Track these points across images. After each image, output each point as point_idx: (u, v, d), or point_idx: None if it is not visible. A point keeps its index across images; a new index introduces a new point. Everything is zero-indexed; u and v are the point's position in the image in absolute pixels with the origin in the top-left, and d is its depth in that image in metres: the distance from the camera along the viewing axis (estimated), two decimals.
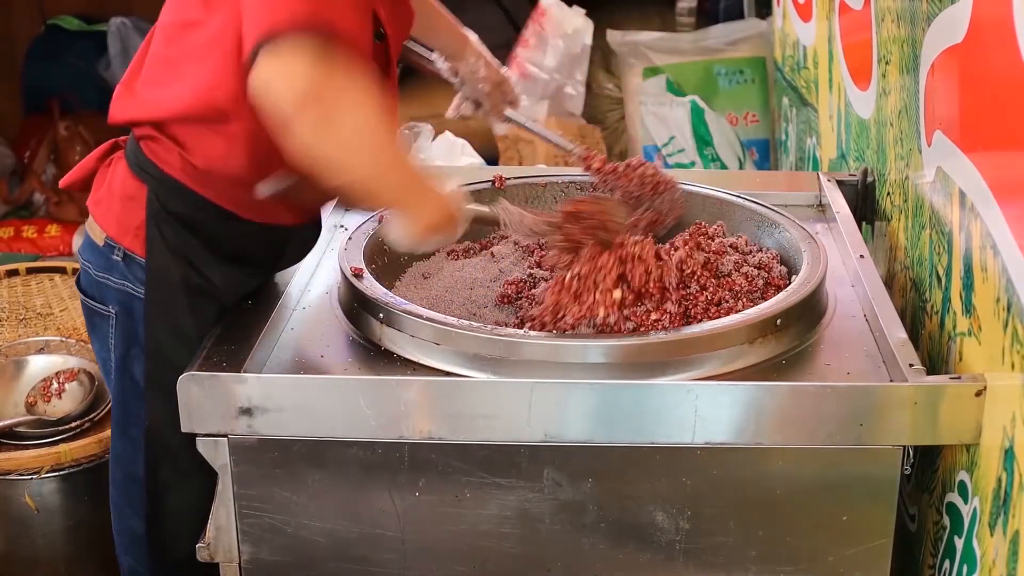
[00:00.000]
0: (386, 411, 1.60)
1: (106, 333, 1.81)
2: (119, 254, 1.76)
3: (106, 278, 1.78)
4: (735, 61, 4.28)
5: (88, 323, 1.87)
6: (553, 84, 4.15)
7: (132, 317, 1.77)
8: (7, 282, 2.98)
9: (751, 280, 1.85)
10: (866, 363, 1.68)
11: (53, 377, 2.66)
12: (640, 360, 1.63)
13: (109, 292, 1.79)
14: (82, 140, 4.28)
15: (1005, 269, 1.47)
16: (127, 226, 1.75)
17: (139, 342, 1.77)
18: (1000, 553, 1.48)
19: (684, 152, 4.14)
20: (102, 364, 1.87)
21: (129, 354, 1.79)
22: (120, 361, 1.81)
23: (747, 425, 1.59)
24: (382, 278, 1.83)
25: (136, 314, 1.76)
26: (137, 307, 1.76)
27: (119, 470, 1.89)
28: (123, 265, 1.76)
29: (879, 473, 1.62)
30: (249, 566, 1.71)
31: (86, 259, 1.82)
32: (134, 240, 1.75)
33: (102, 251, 1.78)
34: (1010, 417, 1.47)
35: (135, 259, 1.75)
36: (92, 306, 1.83)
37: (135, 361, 1.79)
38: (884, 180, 2.21)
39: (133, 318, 1.77)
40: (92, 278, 1.80)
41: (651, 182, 2.04)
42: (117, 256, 1.76)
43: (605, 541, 1.67)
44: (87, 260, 1.82)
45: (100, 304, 1.81)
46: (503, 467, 1.63)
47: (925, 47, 1.83)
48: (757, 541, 1.67)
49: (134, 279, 1.76)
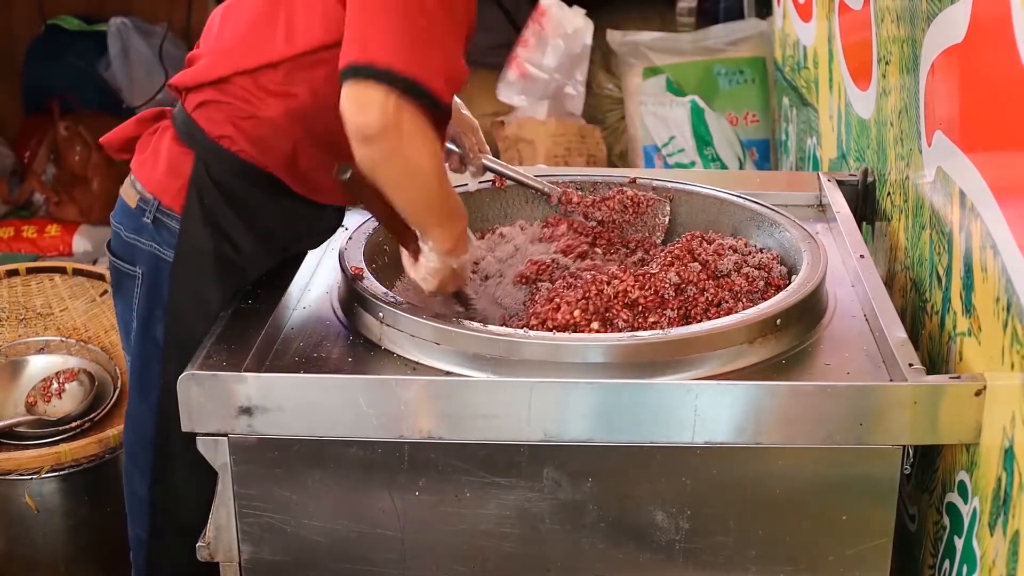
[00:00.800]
0: (386, 411, 1.60)
1: (131, 293, 1.86)
2: (150, 216, 1.81)
3: (136, 239, 1.83)
4: (735, 61, 4.27)
5: (115, 285, 1.92)
6: (553, 84, 4.15)
7: (158, 279, 1.82)
8: (7, 282, 2.98)
9: (752, 281, 1.85)
10: (866, 363, 1.68)
11: (53, 377, 2.66)
12: (640, 360, 1.63)
13: (138, 253, 1.83)
14: (82, 140, 4.27)
15: (1005, 269, 1.47)
16: (169, 187, 1.80)
17: (163, 304, 1.82)
18: (1000, 553, 1.48)
19: (684, 152, 4.14)
20: (124, 326, 1.92)
21: (152, 315, 1.84)
22: (143, 321, 1.85)
23: (747, 425, 1.59)
24: (382, 278, 1.83)
25: (162, 276, 1.81)
26: (164, 269, 1.81)
27: (132, 433, 1.93)
28: (152, 227, 1.81)
29: (879, 473, 1.62)
30: (249, 566, 1.71)
31: (117, 222, 1.88)
32: (173, 200, 1.80)
33: (133, 213, 1.83)
34: (1010, 417, 1.47)
35: (165, 223, 1.80)
36: (120, 267, 1.88)
37: (158, 323, 1.83)
38: (884, 180, 2.21)
39: (159, 280, 1.82)
40: (122, 240, 1.86)
41: (631, 205, 2.13)
42: (147, 218, 1.81)
43: (605, 541, 1.67)
44: (118, 223, 1.87)
45: (129, 265, 1.86)
46: (503, 467, 1.63)
47: (925, 47, 1.83)
48: (757, 541, 1.67)
49: (162, 242, 1.81)
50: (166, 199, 1.80)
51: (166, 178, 1.81)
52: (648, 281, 1.80)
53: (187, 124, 1.80)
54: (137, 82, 4.42)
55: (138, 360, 1.88)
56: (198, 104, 1.78)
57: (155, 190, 1.81)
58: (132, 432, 1.93)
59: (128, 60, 4.46)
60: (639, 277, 1.81)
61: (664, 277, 1.81)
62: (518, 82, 4.15)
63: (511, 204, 2.19)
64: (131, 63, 4.46)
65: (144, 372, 1.87)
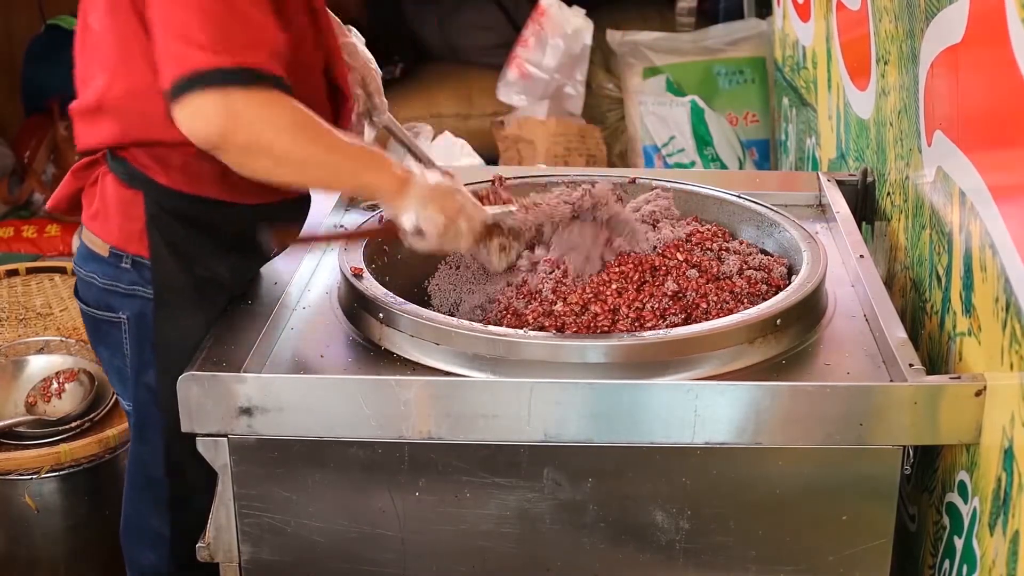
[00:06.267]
0: (386, 411, 1.60)
1: (118, 340, 1.81)
2: (127, 261, 1.76)
3: (114, 286, 1.78)
4: (735, 61, 4.28)
5: (94, 334, 1.86)
6: (553, 84, 4.15)
7: (145, 320, 1.77)
8: (7, 282, 2.98)
9: (753, 283, 1.85)
10: (866, 363, 1.68)
11: (53, 377, 2.66)
12: (640, 360, 1.63)
13: (118, 299, 1.78)
14: None
15: (1004, 269, 1.47)
16: (130, 233, 1.75)
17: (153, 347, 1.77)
18: (1000, 553, 1.48)
19: (684, 152, 4.15)
20: (116, 373, 1.86)
21: (144, 358, 1.79)
22: (136, 366, 1.80)
23: (747, 425, 1.59)
24: (382, 278, 1.83)
25: (148, 316, 1.76)
26: (149, 309, 1.76)
27: (139, 474, 1.88)
28: (133, 271, 1.76)
29: (879, 473, 1.62)
30: (249, 566, 1.71)
31: (89, 271, 1.81)
32: (140, 245, 1.75)
33: (108, 261, 1.77)
34: (1009, 417, 1.47)
35: (144, 263, 1.75)
36: (99, 316, 1.81)
37: (150, 366, 1.78)
38: (884, 180, 2.21)
39: (146, 320, 1.77)
40: (98, 288, 1.80)
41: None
42: (126, 264, 1.76)
43: (605, 541, 1.67)
44: (91, 272, 1.80)
45: (109, 312, 1.80)
46: (503, 467, 1.63)
47: (924, 47, 1.82)
48: (757, 541, 1.67)
49: (144, 282, 1.76)
50: (132, 247, 1.75)
51: (124, 225, 1.75)
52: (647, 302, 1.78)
53: (124, 167, 1.75)
54: None
55: (136, 404, 1.83)
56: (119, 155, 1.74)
57: (117, 241, 1.76)
58: (140, 474, 1.88)
59: None
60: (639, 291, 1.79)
61: (663, 288, 1.79)
62: (518, 82, 4.15)
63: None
64: None
65: (143, 415, 1.82)
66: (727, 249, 1.96)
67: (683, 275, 1.82)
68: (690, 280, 1.81)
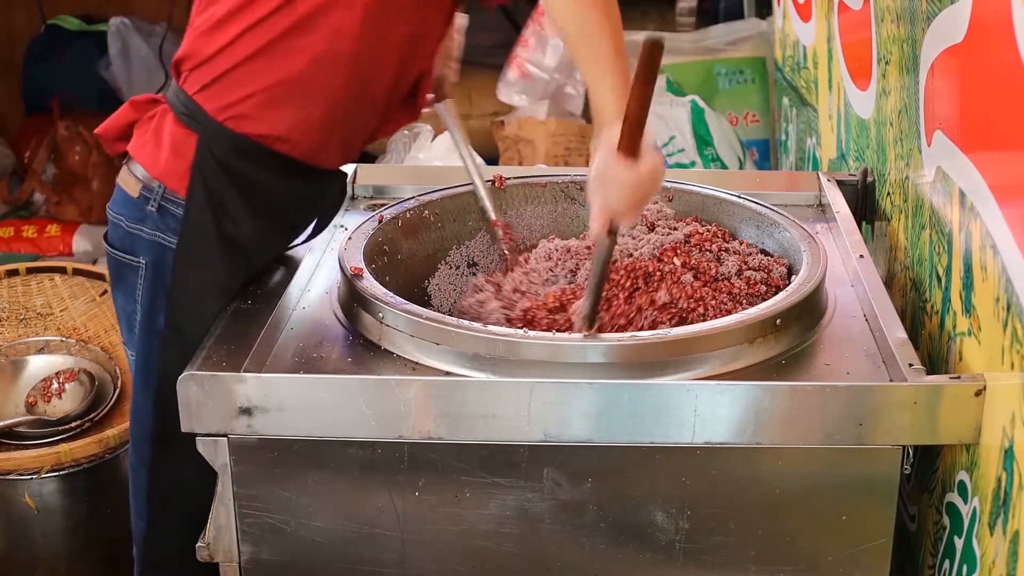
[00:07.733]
0: (386, 411, 1.60)
1: (134, 284, 1.83)
2: (154, 204, 1.79)
3: (139, 229, 1.81)
4: (735, 61, 4.28)
5: (114, 277, 1.89)
6: (553, 84, 4.15)
7: (162, 267, 1.79)
8: (7, 282, 2.99)
9: (752, 284, 1.85)
10: (866, 363, 1.68)
11: (53, 377, 2.66)
12: (639, 360, 1.63)
13: (141, 243, 1.81)
14: (82, 140, 4.28)
15: (1005, 269, 1.47)
16: (174, 169, 1.77)
17: (167, 292, 1.80)
18: (1000, 553, 1.48)
19: (684, 152, 4.14)
20: (125, 319, 1.88)
21: (155, 305, 1.81)
22: (147, 312, 1.83)
23: (746, 425, 1.59)
24: (382, 278, 1.83)
25: (166, 264, 1.79)
26: (168, 257, 1.79)
27: (138, 427, 1.90)
28: (157, 215, 1.79)
29: (879, 473, 1.62)
30: (249, 566, 1.71)
31: (117, 213, 1.84)
32: (179, 183, 1.77)
33: (136, 202, 1.81)
34: (1009, 417, 1.47)
35: (170, 209, 1.78)
36: (121, 258, 1.85)
37: (161, 312, 1.81)
38: (884, 180, 2.21)
39: (163, 268, 1.79)
40: (124, 231, 1.83)
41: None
42: (152, 206, 1.79)
43: (605, 541, 1.67)
44: (119, 214, 1.84)
45: (130, 256, 1.83)
46: (503, 467, 1.63)
47: (925, 47, 1.83)
48: (757, 541, 1.67)
49: (167, 229, 1.79)
50: (171, 183, 1.78)
51: (170, 161, 1.78)
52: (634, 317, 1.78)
53: (188, 106, 1.78)
54: (137, 82, 4.43)
55: (142, 351, 1.86)
56: (201, 87, 1.76)
57: (160, 174, 1.78)
58: (137, 426, 1.91)
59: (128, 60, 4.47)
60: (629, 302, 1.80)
61: (655, 297, 1.79)
62: (518, 82, 4.15)
63: (510, 204, 2.19)
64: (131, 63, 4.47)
65: (147, 364, 1.85)
66: (727, 250, 1.96)
67: (677, 282, 1.82)
68: (684, 286, 1.81)
